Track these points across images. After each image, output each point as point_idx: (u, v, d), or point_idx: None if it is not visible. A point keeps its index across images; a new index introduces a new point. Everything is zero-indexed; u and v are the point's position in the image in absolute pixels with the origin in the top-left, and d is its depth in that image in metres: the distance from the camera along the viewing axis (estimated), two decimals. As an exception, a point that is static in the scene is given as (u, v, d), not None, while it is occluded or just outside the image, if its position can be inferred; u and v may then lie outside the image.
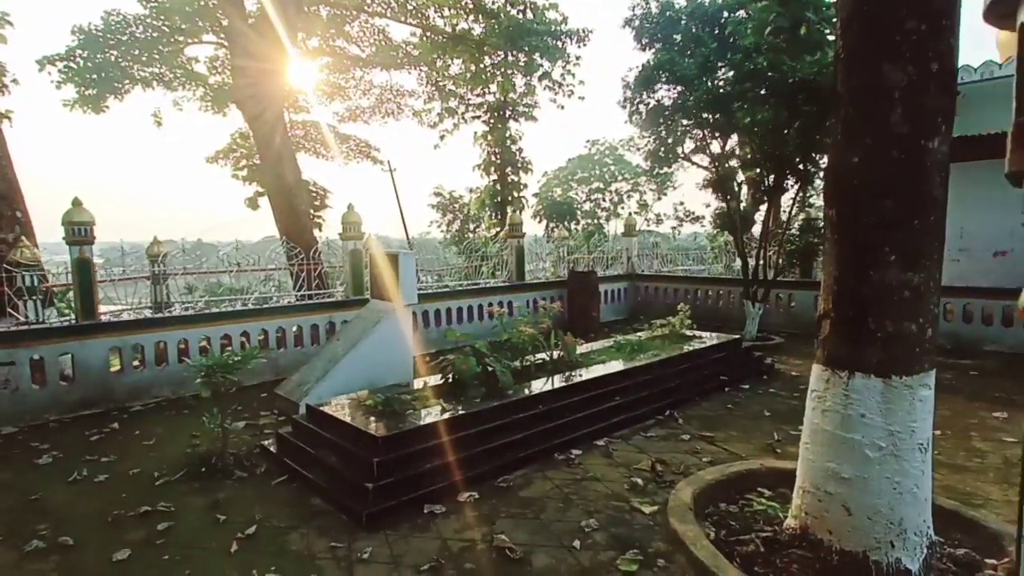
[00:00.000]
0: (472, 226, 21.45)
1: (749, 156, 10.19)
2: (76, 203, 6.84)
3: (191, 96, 16.43)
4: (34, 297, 6.89)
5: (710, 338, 7.69)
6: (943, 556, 3.32)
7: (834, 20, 11.03)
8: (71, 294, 8.63)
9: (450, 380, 5.27)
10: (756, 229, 12.98)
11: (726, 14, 10.93)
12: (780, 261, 9.83)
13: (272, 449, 5.19)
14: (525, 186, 23.52)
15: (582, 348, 6.68)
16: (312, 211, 15.11)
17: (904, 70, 2.96)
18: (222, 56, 15.90)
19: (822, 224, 9.95)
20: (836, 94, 3.32)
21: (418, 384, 5.56)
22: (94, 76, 13.61)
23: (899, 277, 3.03)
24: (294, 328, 8.46)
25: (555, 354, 6.20)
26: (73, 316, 7.21)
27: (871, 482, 3.09)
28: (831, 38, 10.35)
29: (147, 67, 14.46)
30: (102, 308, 7.36)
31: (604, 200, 35.01)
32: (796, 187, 9.95)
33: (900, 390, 3.06)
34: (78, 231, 6.79)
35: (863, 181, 3.11)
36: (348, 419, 4.66)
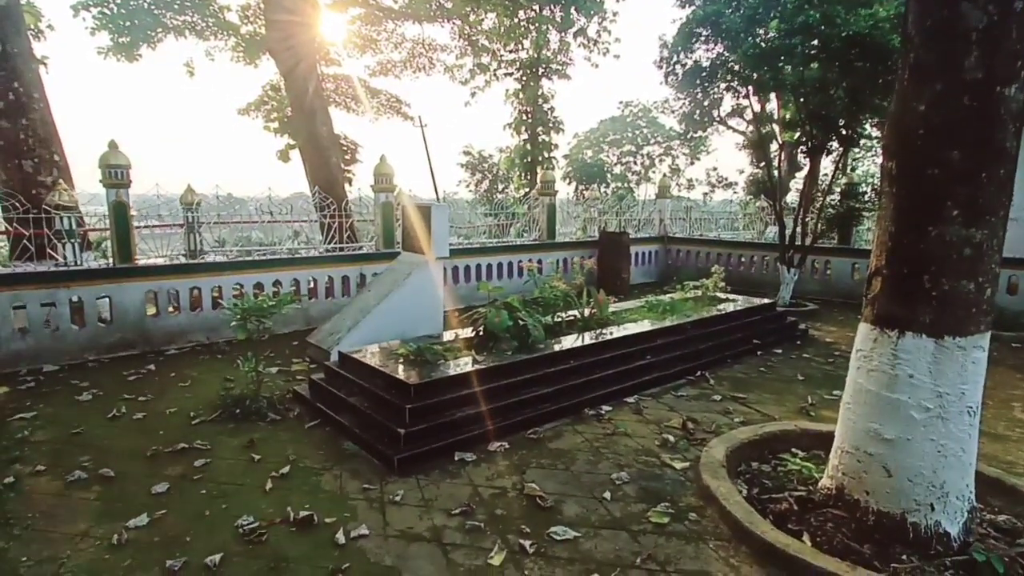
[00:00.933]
0: (501, 186, 21.25)
1: (790, 117, 9.77)
2: (112, 146, 6.90)
3: (223, 46, 16.35)
4: (72, 240, 7.04)
5: (743, 302, 7.54)
6: (983, 522, 3.24)
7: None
8: (105, 244, 8.83)
9: (481, 333, 5.26)
10: (791, 196, 12.57)
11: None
12: (818, 227, 9.51)
13: (304, 394, 5.29)
14: (556, 146, 23.18)
15: (613, 307, 6.59)
16: (343, 165, 15.08)
17: (984, 9, 2.74)
18: (254, 4, 15.71)
19: (864, 189, 9.62)
20: (904, 36, 3.10)
21: (449, 336, 5.57)
22: (127, 23, 13.60)
23: (961, 233, 2.87)
24: (325, 279, 8.54)
25: (586, 311, 6.13)
26: (110, 260, 7.37)
27: (914, 444, 3.00)
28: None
29: (179, 15, 14.38)
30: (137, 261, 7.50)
31: (635, 164, 34.26)
32: (840, 150, 9.55)
33: (952, 351, 2.94)
34: (115, 174, 6.88)
35: (929, 130, 2.92)
36: (381, 366, 4.70)
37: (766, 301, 7.80)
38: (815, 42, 8.46)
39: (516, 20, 17.17)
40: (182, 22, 14.63)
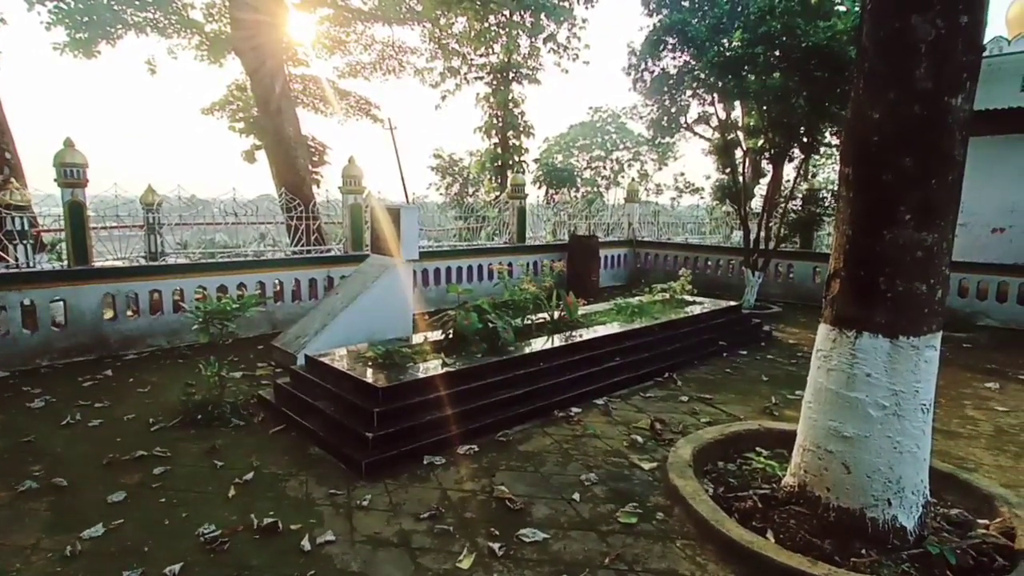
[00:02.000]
0: (471, 189, 21.23)
1: (754, 124, 10.03)
2: (68, 143, 6.65)
3: (186, 44, 15.92)
4: (25, 241, 6.76)
5: (710, 304, 7.70)
6: (937, 516, 3.36)
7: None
8: (60, 245, 8.49)
9: (451, 335, 5.24)
10: (756, 201, 12.89)
11: (739, -24, 10.66)
12: (781, 231, 9.77)
13: (270, 399, 5.18)
14: (526, 150, 23.28)
15: (583, 309, 6.65)
16: (310, 167, 14.85)
17: (933, 23, 2.85)
18: (219, 3, 15.36)
19: (824, 195, 9.92)
20: (859, 47, 3.21)
21: (418, 339, 5.53)
22: (85, 19, 13.12)
23: (913, 237, 2.98)
24: (292, 282, 8.39)
25: (556, 314, 6.17)
26: (65, 262, 7.10)
27: (872, 441, 3.10)
28: (842, 9, 10.11)
29: (140, 12, 13.94)
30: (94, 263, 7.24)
31: (605, 168, 34.66)
32: (801, 157, 9.83)
33: (907, 350, 3.04)
34: (70, 173, 6.63)
35: (883, 137, 3.03)
36: (348, 370, 4.63)
37: (732, 304, 7.97)
38: (777, 52, 8.72)
39: (487, 24, 17.20)
40: (143, 19, 14.18)
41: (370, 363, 4.76)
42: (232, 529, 3.29)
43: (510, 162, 22.02)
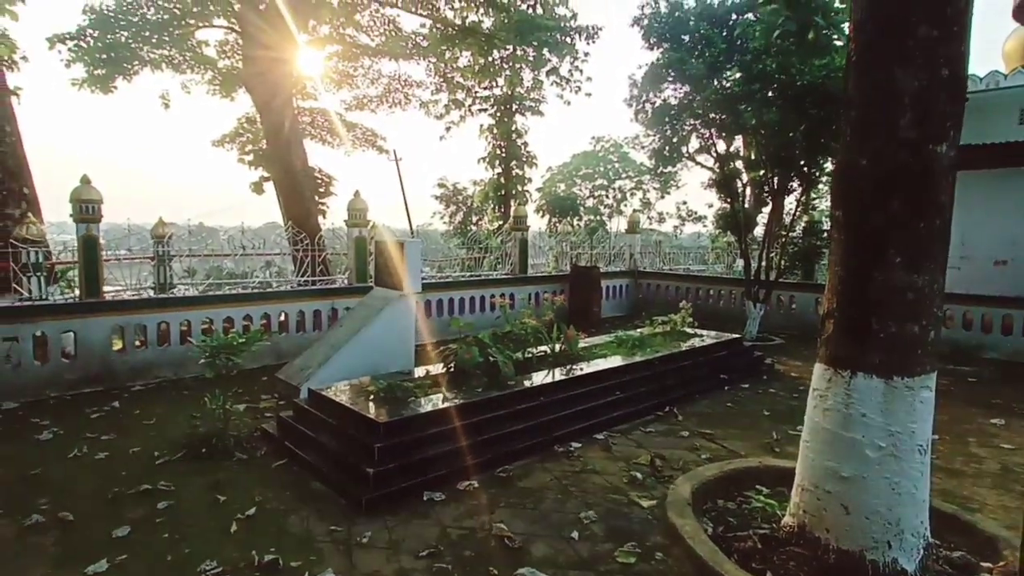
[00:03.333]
0: (475, 218, 21.46)
1: (754, 157, 10.20)
2: (85, 180, 6.86)
3: (199, 79, 16.37)
4: (38, 273, 6.90)
5: (711, 336, 7.72)
6: (939, 558, 3.34)
7: (843, 25, 11.02)
8: (71, 273, 8.65)
9: (452, 369, 5.30)
10: (759, 231, 13.01)
11: (735, 16, 10.92)
12: (782, 263, 9.85)
13: (273, 432, 5.22)
14: (529, 180, 23.56)
15: (583, 342, 6.70)
16: (317, 198, 15.11)
17: (915, 75, 2.97)
18: (232, 40, 15.84)
19: (825, 227, 10.02)
20: (845, 97, 3.34)
21: (420, 372, 5.59)
22: (104, 56, 13.55)
23: (903, 279, 3.05)
24: (296, 313, 8.49)
25: (557, 347, 6.22)
26: (76, 294, 7.23)
27: (870, 482, 3.11)
28: (839, 44, 10.35)
29: (157, 49, 14.39)
30: (104, 289, 7.38)
31: (607, 197, 34.93)
32: (800, 189, 9.97)
33: (901, 391, 3.08)
34: (86, 209, 6.82)
35: (870, 183, 3.12)
36: (350, 404, 4.69)
37: (733, 336, 8.00)
38: (773, 88, 8.92)
39: (491, 59, 17.64)
40: (159, 56, 14.64)
41: (372, 397, 4.82)
42: (234, 566, 3.31)
43: (513, 191, 22.29)
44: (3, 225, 7.56)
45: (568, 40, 16.51)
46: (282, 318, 8.40)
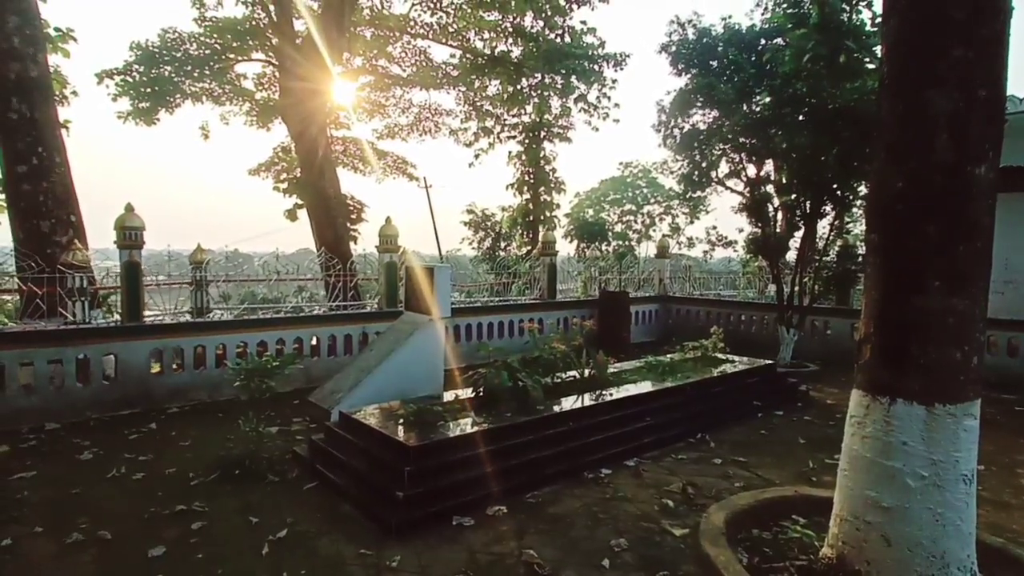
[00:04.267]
0: (503, 244, 21.63)
1: (785, 181, 10.10)
2: (128, 209, 7.18)
3: (238, 111, 17.09)
4: (83, 298, 7.19)
5: (743, 362, 7.58)
6: (989, 595, 3.19)
7: (875, 49, 10.95)
8: (112, 298, 8.99)
9: (481, 394, 5.31)
10: (791, 255, 12.81)
11: (763, 41, 10.97)
12: (816, 288, 9.65)
13: (304, 455, 5.29)
14: (557, 206, 23.74)
15: (613, 367, 6.64)
16: (348, 224, 15.47)
17: (950, 97, 2.94)
18: (269, 73, 16.53)
19: (860, 251, 9.80)
20: (879, 119, 3.31)
21: (449, 396, 5.61)
22: (148, 90, 14.30)
23: (943, 303, 2.97)
24: (328, 337, 8.64)
25: (586, 372, 6.19)
26: (118, 318, 7.50)
27: (912, 512, 3.00)
28: (871, 67, 10.26)
29: (198, 82, 15.12)
30: (144, 314, 7.63)
31: (636, 222, 34.91)
32: (834, 213, 9.81)
33: (943, 419, 2.98)
34: (129, 235, 7.12)
35: (907, 206, 3.08)
36: (380, 427, 4.73)
37: (766, 362, 7.83)
38: (804, 112, 8.87)
39: (519, 87, 18.00)
40: (200, 88, 15.36)
41: (402, 421, 4.85)
42: (265, 588, 3.34)
43: (541, 217, 22.46)
44: (51, 252, 7.91)
45: (596, 67, 16.77)
46: (314, 342, 8.56)
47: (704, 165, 10.89)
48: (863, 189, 9.40)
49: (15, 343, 6.45)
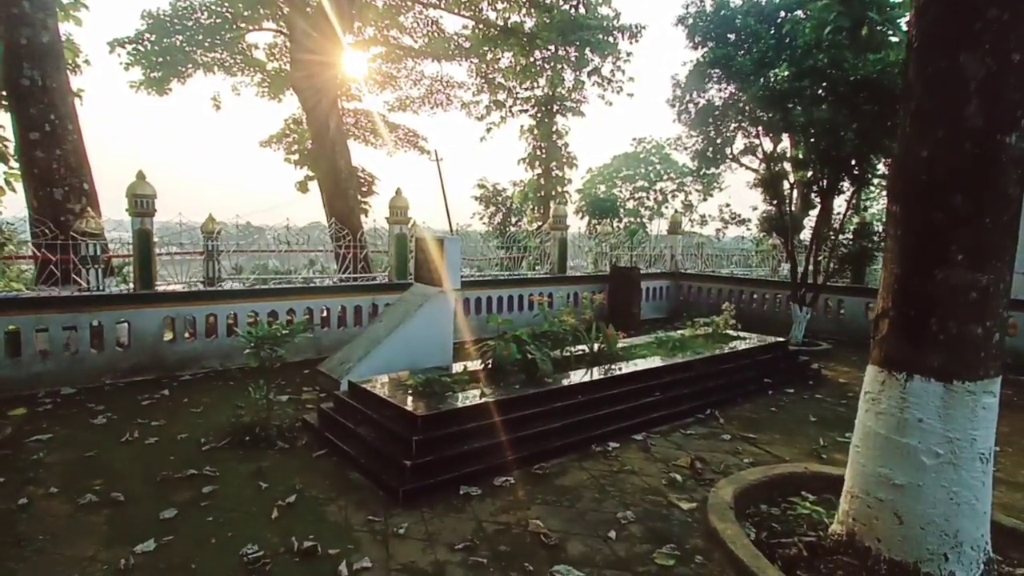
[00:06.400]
0: (514, 219, 21.53)
1: (802, 157, 9.87)
2: (140, 176, 7.17)
3: (249, 81, 16.97)
4: (96, 266, 7.24)
5: (754, 339, 7.51)
6: (1001, 574, 3.15)
7: (899, 21, 10.59)
8: (127, 269, 9.06)
9: (490, 365, 5.30)
10: (805, 234, 12.60)
11: (783, 13, 10.65)
12: (831, 266, 9.49)
13: (313, 423, 5.33)
14: (569, 181, 23.56)
15: (622, 342, 6.60)
16: (359, 197, 15.42)
17: (983, 60, 2.81)
18: (280, 43, 16.35)
19: (876, 228, 9.61)
20: (904, 85, 3.18)
21: (458, 368, 5.61)
22: (160, 60, 14.21)
23: (966, 277, 2.88)
24: (338, 308, 8.66)
25: (596, 346, 6.15)
26: (131, 286, 7.55)
27: (926, 490, 2.96)
28: (895, 39, 9.93)
29: (209, 52, 14.99)
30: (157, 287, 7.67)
31: (648, 199, 34.46)
32: (851, 190, 9.59)
33: (962, 396, 2.92)
34: (141, 203, 7.12)
35: (932, 175, 2.97)
36: (389, 397, 4.74)
37: (778, 340, 7.75)
38: (824, 85, 8.61)
39: (532, 59, 17.66)
40: (212, 59, 15.24)
41: (410, 391, 4.86)
42: (274, 551, 3.38)
43: (553, 192, 22.27)
44: (64, 219, 7.96)
45: (611, 40, 16.40)
46: (324, 313, 8.58)
47: (719, 141, 10.66)
48: (882, 166, 9.17)
49: (31, 309, 6.52)
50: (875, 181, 9.67)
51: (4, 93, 9.29)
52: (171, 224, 8.94)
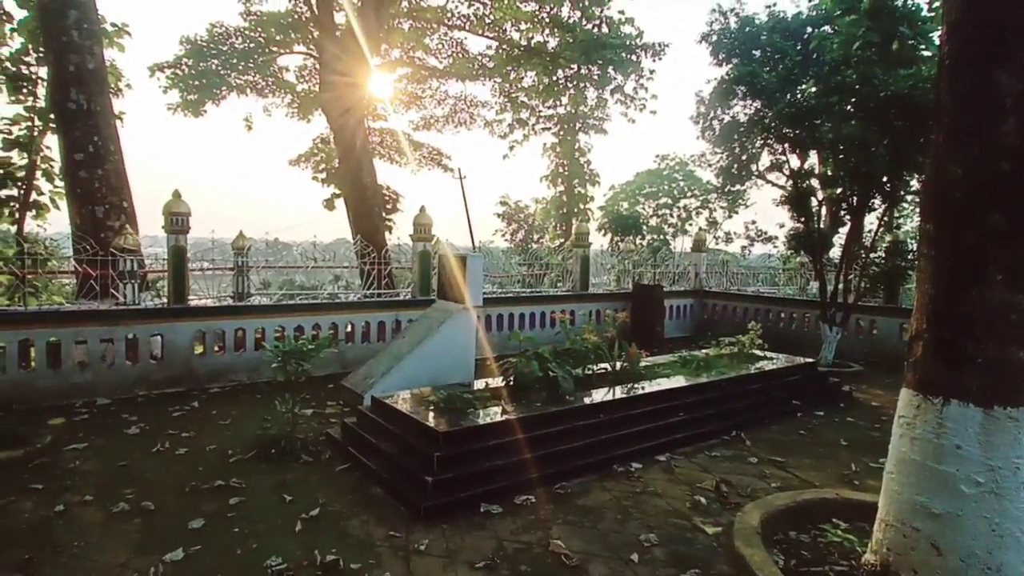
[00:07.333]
0: (536, 236, 21.60)
1: (831, 174, 9.73)
2: (176, 195, 7.41)
3: (279, 103, 17.47)
4: (133, 281, 7.47)
5: (781, 360, 7.35)
6: (1047, 611, 3.00)
7: (931, 35, 10.42)
8: (160, 284, 9.33)
9: (511, 383, 5.28)
10: (835, 252, 12.37)
11: (810, 29, 10.59)
12: (862, 285, 9.28)
13: (337, 437, 5.37)
14: (591, 198, 23.58)
15: (645, 361, 6.53)
16: (384, 214, 15.66)
17: (1019, 76, 2.76)
18: (310, 66, 16.82)
19: (910, 247, 9.38)
20: (937, 103, 3.13)
21: (480, 384, 5.61)
22: (196, 83, 14.73)
23: (1006, 297, 2.80)
24: (362, 324, 8.76)
25: (618, 365, 6.10)
26: (165, 301, 7.77)
27: (966, 521, 2.84)
28: (927, 54, 9.77)
29: (243, 75, 15.50)
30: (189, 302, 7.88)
31: (672, 216, 34.29)
32: (883, 207, 9.41)
33: (1003, 422, 2.81)
34: (176, 221, 7.35)
35: (966, 194, 2.90)
36: (411, 413, 4.76)
37: (807, 360, 7.58)
38: (853, 100, 8.51)
39: (555, 78, 17.83)
40: (245, 81, 15.76)
41: (432, 407, 4.87)
42: (297, 564, 3.40)
43: (575, 210, 22.31)
44: (104, 236, 8.25)
45: (633, 58, 16.46)
46: (348, 328, 8.69)
47: (744, 157, 10.61)
48: (915, 183, 8.98)
49: (71, 322, 6.74)
50: (908, 198, 9.46)
51: (52, 116, 9.73)
52: (203, 240, 9.19)
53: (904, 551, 3.03)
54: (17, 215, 11.38)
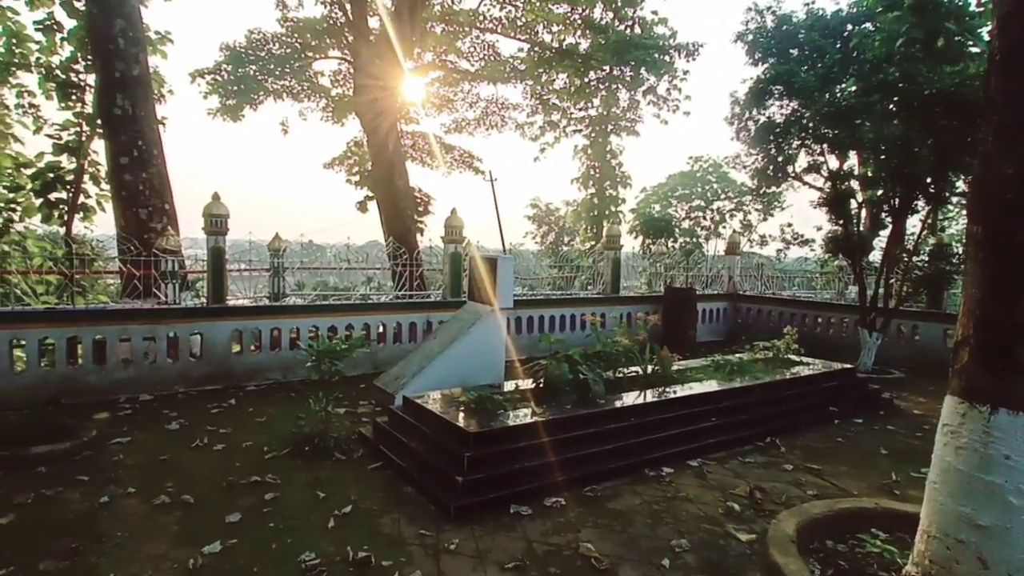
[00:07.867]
0: (567, 239, 21.53)
1: (871, 175, 9.44)
2: (215, 197, 7.64)
3: (315, 107, 17.84)
4: (174, 281, 7.73)
5: (818, 366, 7.16)
6: (1104, 632, 2.85)
7: (980, 31, 10.02)
8: (200, 284, 9.63)
9: (542, 385, 5.28)
10: (874, 255, 11.99)
11: (850, 27, 10.27)
12: (904, 289, 8.97)
13: (369, 436, 5.46)
14: (623, 201, 23.41)
15: (677, 365, 6.44)
16: (416, 216, 15.84)
17: (1075, 71, 2.64)
18: (344, 70, 17.16)
19: (956, 250, 9.04)
20: (987, 100, 3.02)
21: (510, 386, 5.63)
22: (235, 88, 15.17)
23: (1058, 303, 2.68)
24: (393, 325, 8.88)
25: (649, 368, 6.03)
26: (204, 300, 8.02)
27: (1015, 533, 2.73)
28: (975, 50, 9.38)
29: (279, 80, 15.91)
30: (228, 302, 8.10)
31: (705, 218, 33.71)
32: (926, 209, 9.09)
33: (1055, 432, 2.69)
34: (215, 222, 7.58)
35: (1018, 194, 2.79)
36: (442, 413, 4.80)
37: (845, 366, 7.37)
38: (896, 99, 8.24)
39: (586, 80, 17.76)
40: (281, 86, 16.16)
41: (463, 408, 4.91)
42: (330, 559, 3.47)
43: (606, 212, 22.17)
44: (148, 237, 8.55)
45: (667, 59, 16.29)
46: (380, 329, 8.82)
47: (780, 159, 10.32)
48: (961, 184, 8.63)
49: (116, 320, 7.02)
50: (953, 200, 9.11)
51: (100, 121, 10.14)
52: (241, 242, 9.44)
53: (948, 564, 2.92)
54: (66, 217, 11.88)
